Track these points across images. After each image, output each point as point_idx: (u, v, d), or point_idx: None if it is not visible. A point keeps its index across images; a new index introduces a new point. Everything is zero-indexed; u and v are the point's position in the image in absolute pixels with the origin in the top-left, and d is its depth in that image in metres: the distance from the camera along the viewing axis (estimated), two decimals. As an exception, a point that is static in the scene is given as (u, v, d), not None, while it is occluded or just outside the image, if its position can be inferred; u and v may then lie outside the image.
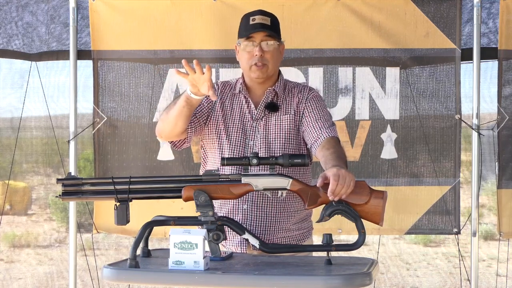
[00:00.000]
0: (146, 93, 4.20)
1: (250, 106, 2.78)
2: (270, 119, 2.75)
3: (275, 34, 2.73)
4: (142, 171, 4.15)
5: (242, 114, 2.77)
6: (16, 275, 7.16)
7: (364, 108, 4.17)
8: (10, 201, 7.96)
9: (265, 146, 2.72)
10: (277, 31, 2.76)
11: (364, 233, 2.35)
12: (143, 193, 2.47)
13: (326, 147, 2.63)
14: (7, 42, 4.28)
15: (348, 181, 2.34)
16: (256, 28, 2.70)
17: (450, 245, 7.69)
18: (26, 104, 4.38)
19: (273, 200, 2.69)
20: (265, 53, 2.71)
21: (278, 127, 2.73)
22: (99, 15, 4.18)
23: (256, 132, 2.74)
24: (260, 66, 2.71)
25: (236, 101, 2.80)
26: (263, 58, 2.71)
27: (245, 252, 2.68)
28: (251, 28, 2.71)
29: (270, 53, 2.72)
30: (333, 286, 2.15)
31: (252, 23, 2.72)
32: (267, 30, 2.70)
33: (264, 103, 2.76)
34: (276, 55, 2.75)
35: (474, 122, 4.14)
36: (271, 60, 2.72)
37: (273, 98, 2.77)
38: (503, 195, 4.14)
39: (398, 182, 4.18)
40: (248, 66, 2.73)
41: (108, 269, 2.30)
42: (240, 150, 2.73)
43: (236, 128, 2.76)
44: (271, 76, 2.77)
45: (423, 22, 4.12)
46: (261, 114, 2.76)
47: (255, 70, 2.72)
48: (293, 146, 2.73)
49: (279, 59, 2.79)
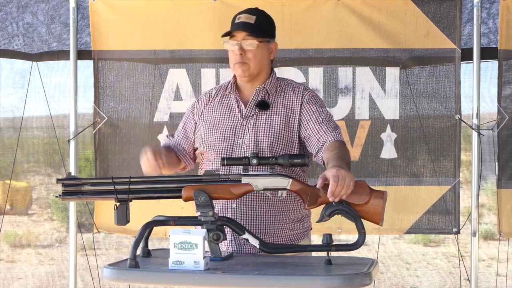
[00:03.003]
0: (147, 93, 4.21)
1: (240, 104, 2.78)
2: (260, 118, 2.74)
3: (258, 33, 2.73)
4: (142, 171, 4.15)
5: (231, 113, 2.77)
6: (17, 274, 7.17)
7: (364, 108, 4.17)
8: (11, 201, 7.96)
9: (253, 144, 2.70)
10: (262, 30, 2.75)
11: (364, 233, 2.35)
12: (143, 193, 2.47)
13: (329, 149, 2.62)
14: (8, 42, 4.28)
15: (348, 182, 2.34)
16: (238, 28, 2.73)
17: (450, 245, 7.69)
18: (27, 104, 4.39)
19: (263, 199, 2.68)
20: (246, 52, 2.72)
21: (268, 126, 2.72)
22: (99, 15, 4.18)
23: (246, 130, 2.73)
24: (241, 64, 2.73)
25: (226, 100, 2.81)
26: (244, 57, 2.72)
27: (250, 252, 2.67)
28: (234, 27, 2.75)
29: (252, 52, 2.72)
30: (333, 286, 2.15)
31: (236, 21, 2.75)
32: (247, 29, 2.72)
33: (254, 101, 2.76)
34: (260, 54, 2.75)
35: (474, 122, 4.14)
36: (252, 59, 2.73)
37: (264, 96, 2.77)
38: (503, 195, 4.15)
39: (398, 182, 4.18)
40: (232, 64, 2.77)
41: (108, 269, 2.30)
42: (228, 148, 2.71)
43: (224, 125, 2.76)
44: (256, 74, 2.77)
45: (423, 22, 4.13)
46: (251, 112, 2.75)
47: (237, 68, 2.75)
48: (282, 146, 2.71)
49: (264, 58, 2.77)
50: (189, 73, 4.20)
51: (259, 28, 2.74)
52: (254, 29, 2.73)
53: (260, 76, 2.79)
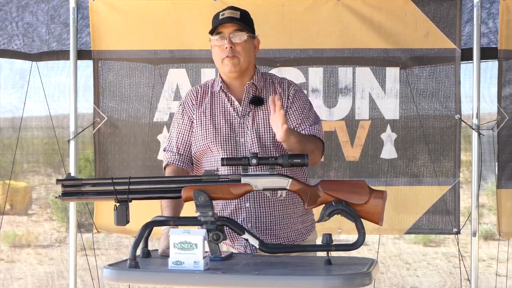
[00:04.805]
0: (146, 93, 4.21)
1: (233, 103, 2.76)
2: (257, 114, 2.74)
3: (245, 26, 2.72)
4: (142, 171, 4.15)
5: (226, 113, 2.76)
6: (16, 274, 7.17)
7: (364, 108, 4.17)
8: (11, 201, 7.97)
9: (257, 141, 2.70)
10: (248, 24, 2.74)
11: (364, 233, 2.35)
12: (143, 193, 2.47)
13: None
14: (8, 42, 4.28)
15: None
16: (224, 22, 2.70)
17: (450, 245, 7.69)
18: (27, 104, 4.39)
19: (273, 197, 2.69)
20: (235, 45, 2.70)
21: (267, 121, 2.71)
22: (99, 15, 4.18)
23: (245, 129, 2.73)
24: (231, 57, 2.69)
25: (217, 100, 2.79)
26: (234, 50, 2.70)
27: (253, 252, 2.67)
28: (220, 22, 2.72)
29: (241, 45, 2.71)
30: (333, 286, 2.15)
31: (221, 18, 2.73)
32: (236, 22, 2.70)
33: (247, 98, 2.75)
34: (248, 48, 2.73)
35: (474, 122, 4.14)
36: (242, 52, 2.71)
37: (254, 92, 2.76)
38: (502, 195, 4.14)
39: (398, 182, 4.18)
40: (220, 60, 2.73)
41: (108, 269, 2.30)
42: (232, 149, 2.71)
43: (223, 127, 2.74)
44: (245, 70, 2.75)
45: (423, 22, 4.12)
46: (246, 109, 2.75)
47: (227, 63, 2.71)
48: None
49: (251, 53, 2.76)
50: (189, 73, 4.20)
51: (244, 22, 2.73)
52: (242, 23, 2.72)
53: (248, 72, 2.77)
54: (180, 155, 2.79)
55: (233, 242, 2.72)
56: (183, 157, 2.79)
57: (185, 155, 2.79)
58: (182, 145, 2.80)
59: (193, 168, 2.82)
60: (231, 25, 2.70)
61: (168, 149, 2.83)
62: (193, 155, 2.80)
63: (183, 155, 2.79)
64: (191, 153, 2.80)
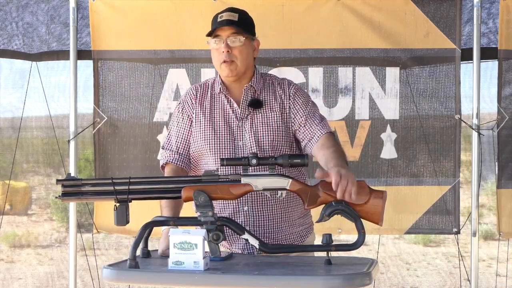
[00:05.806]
0: (146, 93, 4.21)
1: (232, 105, 2.75)
2: (256, 117, 2.73)
3: (243, 29, 2.70)
4: (142, 171, 4.15)
5: (226, 115, 2.75)
6: (16, 275, 7.17)
7: (364, 108, 4.17)
8: (11, 201, 7.97)
9: (255, 145, 2.69)
10: (246, 27, 2.73)
11: (364, 233, 2.34)
12: (142, 193, 2.46)
13: (326, 146, 2.62)
14: (8, 42, 4.28)
15: (352, 179, 2.35)
16: (222, 25, 2.69)
17: (450, 245, 7.69)
18: (26, 104, 4.39)
19: (273, 198, 2.69)
20: (232, 49, 2.69)
21: (265, 124, 2.71)
22: (99, 15, 4.18)
23: (244, 132, 2.72)
24: (228, 63, 2.68)
25: (217, 102, 2.77)
26: (230, 54, 2.68)
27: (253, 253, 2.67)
28: (217, 25, 2.70)
29: (238, 49, 2.69)
30: (333, 286, 2.15)
31: (219, 20, 2.71)
32: (233, 25, 2.68)
33: (245, 101, 2.74)
34: (246, 51, 2.71)
35: (474, 122, 4.14)
36: (239, 56, 2.69)
37: (253, 94, 2.75)
38: (502, 195, 4.14)
39: (398, 182, 4.18)
40: (218, 64, 2.72)
41: (108, 269, 2.30)
42: (230, 152, 2.70)
43: (222, 131, 2.73)
44: (243, 73, 2.74)
45: (423, 22, 4.12)
46: (245, 112, 2.74)
47: (224, 68, 2.70)
48: (283, 141, 2.71)
49: (249, 55, 2.74)
50: (189, 73, 4.20)
51: (243, 25, 2.71)
52: (240, 26, 2.70)
53: (246, 75, 2.76)
54: (180, 154, 2.78)
55: (231, 244, 2.71)
56: (182, 157, 2.78)
57: (184, 154, 2.79)
58: (181, 144, 2.79)
59: (191, 168, 2.82)
60: (228, 28, 2.69)
61: (167, 148, 2.81)
62: (191, 155, 2.79)
63: (182, 154, 2.78)
64: (189, 153, 2.80)
